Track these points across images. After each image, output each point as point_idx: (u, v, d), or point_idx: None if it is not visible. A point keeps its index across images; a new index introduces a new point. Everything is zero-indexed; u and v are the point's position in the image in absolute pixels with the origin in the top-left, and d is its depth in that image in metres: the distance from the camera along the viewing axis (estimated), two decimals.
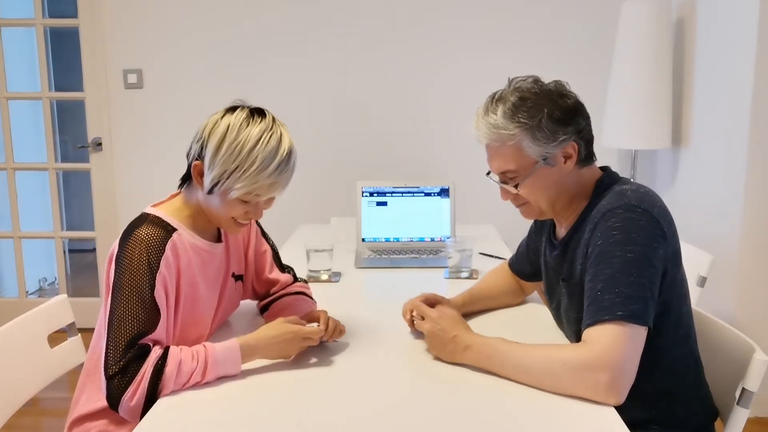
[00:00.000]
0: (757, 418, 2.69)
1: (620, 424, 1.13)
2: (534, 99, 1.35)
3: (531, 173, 1.38)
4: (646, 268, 1.25)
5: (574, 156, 1.38)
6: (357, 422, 1.15)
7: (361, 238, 2.39)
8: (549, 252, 1.54)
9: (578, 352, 1.22)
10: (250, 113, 1.35)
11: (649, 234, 1.27)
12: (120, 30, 3.57)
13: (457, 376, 1.32)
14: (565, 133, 1.35)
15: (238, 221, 1.40)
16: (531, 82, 1.39)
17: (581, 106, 1.40)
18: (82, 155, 3.78)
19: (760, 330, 2.64)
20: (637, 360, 1.22)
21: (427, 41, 3.53)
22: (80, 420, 1.41)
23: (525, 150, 1.36)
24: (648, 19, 3.01)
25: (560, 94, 1.38)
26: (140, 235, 1.30)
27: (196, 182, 1.38)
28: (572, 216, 1.44)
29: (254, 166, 1.30)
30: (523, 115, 1.34)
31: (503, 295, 1.77)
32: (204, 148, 1.34)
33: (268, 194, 1.35)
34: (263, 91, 3.56)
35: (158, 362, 1.23)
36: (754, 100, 2.56)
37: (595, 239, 1.30)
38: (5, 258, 4.17)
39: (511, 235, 3.12)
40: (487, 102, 1.41)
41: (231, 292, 1.56)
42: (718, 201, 2.81)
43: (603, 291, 1.24)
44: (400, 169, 3.60)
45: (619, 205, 1.30)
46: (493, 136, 1.38)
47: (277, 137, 1.33)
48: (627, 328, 1.20)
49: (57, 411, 2.88)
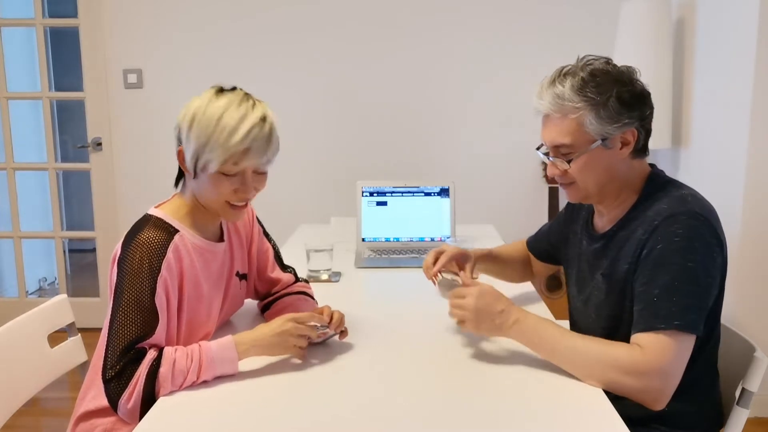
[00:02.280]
0: (757, 418, 2.69)
1: (620, 423, 1.13)
2: (604, 77, 1.33)
3: (586, 151, 1.36)
4: (704, 278, 1.26)
5: (632, 143, 1.36)
6: (357, 422, 1.15)
7: (361, 238, 2.39)
8: (587, 243, 1.51)
9: (633, 355, 1.23)
10: (219, 90, 1.37)
11: (710, 243, 1.27)
12: (120, 30, 3.57)
13: (458, 375, 1.32)
14: (630, 117, 1.34)
15: (232, 203, 1.40)
16: (603, 62, 1.37)
17: (648, 95, 1.38)
18: (82, 155, 3.78)
19: (760, 330, 2.65)
20: (683, 368, 1.24)
21: (427, 41, 3.53)
22: (88, 415, 1.41)
23: (586, 126, 1.34)
24: (648, 19, 3.01)
25: (630, 79, 1.36)
26: (142, 238, 1.31)
27: (184, 171, 1.40)
28: (619, 209, 1.42)
29: (225, 132, 1.31)
30: (592, 90, 1.32)
31: (515, 265, 1.84)
32: (180, 131, 1.36)
33: (245, 161, 1.34)
34: (263, 91, 3.53)
35: (152, 364, 1.24)
36: (754, 100, 2.56)
37: (654, 242, 1.29)
38: (5, 258, 4.17)
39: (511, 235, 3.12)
40: (554, 74, 1.37)
41: (236, 290, 1.57)
42: (718, 201, 2.79)
43: (660, 298, 1.25)
44: (400, 169, 3.60)
45: (683, 210, 1.29)
46: (556, 107, 1.35)
47: (248, 105, 1.35)
48: (681, 337, 1.22)
49: (57, 411, 2.87)
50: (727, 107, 2.76)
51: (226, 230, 1.53)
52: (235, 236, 1.56)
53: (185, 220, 1.41)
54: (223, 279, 1.51)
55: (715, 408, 1.43)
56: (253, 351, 1.34)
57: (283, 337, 1.34)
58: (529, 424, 1.13)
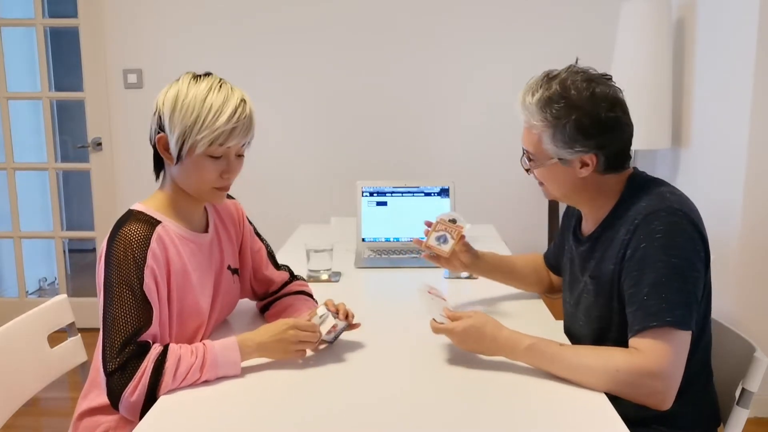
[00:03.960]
0: (757, 418, 2.69)
1: (621, 425, 1.13)
2: (570, 100, 1.31)
3: (545, 165, 1.39)
4: (690, 272, 1.26)
5: (591, 166, 1.36)
6: (357, 421, 1.15)
7: (361, 238, 2.39)
8: (575, 247, 1.53)
9: (632, 361, 1.23)
10: (195, 76, 1.39)
11: (692, 237, 1.28)
12: (120, 30, 3.57)
13: (458, 376, 1.32)
14: (584, 145, 1.33)
15: (217, 186, 1.41)
16: (584, 80, 1.33)
17: (616, 123, 1.34)
18: (82, 155, 3.78)
19: (760, 330, 2.64)
20: (683, 365, 1.24)
21: (427, 41, 3.53)
22: (91, 412, 1.41)
23: (543, 143, 1.36)
24: (648, 19, 3.01)
25: (603, 105, 1.31)
26: (124, 232, 1.32)
27: (164, 158, 1.40)
28: (601, 212, 1.43)
29: (212, 112, 1.33)
30: (552, 112, 1.32)
31: (527, 274, 1.78)
32: (161, 118, 1.37)
33: (231, 141, 1.35)
34: (263, 91, 3.56)
35: (158, 358, 1.25)
36: (754, 100, 2.56)
37: (637, 241, 1.29)
38: (5, 258, 4.17)
39: (511, 235, 3.12)
40: (538, 78, 1.37)
41: (228, 285, 1.57)
42: (717, 201, 2.81)
43: (649, 296, 1.25)
44: (400, 169, 3.60)
45: (662, 207, 1.29)
46: (523, 115, 1.39)
47: (227, 88, 1.37)
48: (675, 334, 1.23)
49: (57, 411, 2.87)
50: (727, 107, 2.76)
51: (212, 221, 1.53)
52: (222, 230, 1.57)
53: (167, 211, 1.42)
54: (213, 270, 1.50)
55: (712, 407, 1.44)
56: (256, 354, 1.35)
57: (283, 344, 1.35)
58: (530, 425, 1.13)
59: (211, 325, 1.53)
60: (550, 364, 1.30)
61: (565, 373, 1.28)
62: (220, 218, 1.58)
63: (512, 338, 1.34)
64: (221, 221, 1.58)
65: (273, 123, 3.59)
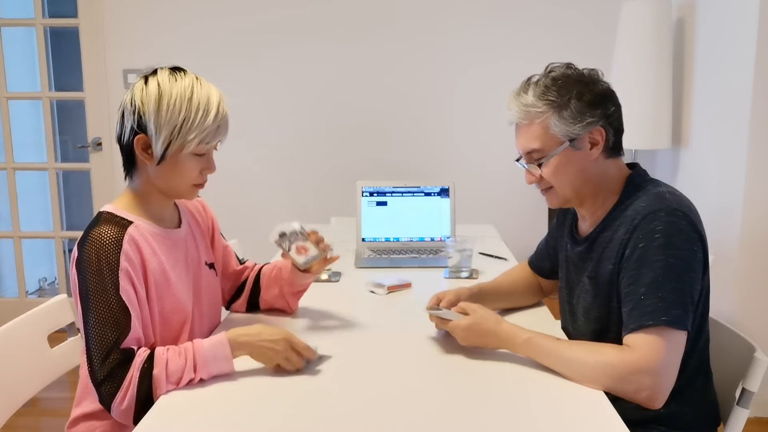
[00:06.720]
0: (757, 418, 2.69)
1: (621, 425, 1.13)
2: (565, 80, 1.38)
3: (555, 153, 1.39)
4: (688, 272, 1.27)
5: (601, 143, 1.39)
6: (357, 421, 1.15)
7: (361, 238, 2.39)
8: (571, 247, 1.53)
9: (623, 357, 1.24)
10: (170, 71, 1.37)
11: (690, 238, 1.28)
12: (120, 30, 3.57)
13: (457, 376, 1.33)
14: (593, 116, 1.37)
15: (196, 183, 1.41)
16: (564, 67, 1.42)
17: (612, 93, 1.42)
18: (82, 155, 3.78)
19: (760, 330, 2.65)
20: (677, 365, 1.24)
21: (427, 42, 3.53)
22: (85, 417, 1.41)
23: (552, 129, 1.37)
24: (648, 19, 3.01)
25: (592, 80, 1.40)
26: (95, 235, 1.29)
27: (142, 159, 1.37)
28: (600, 211, 1.44)
29: (200, 113, 1.32)
30: (553, 94, 1.37)
31: (518, 292, 1.75)
32: (142, 118, 1.34)
33: (216, 139, 1.37)
34: (263, 91, 3.56)
35: (144, 365, 1.24)
36: (754, 100, 2.56)
37: (636, 241, 1.30)
38: (5, 258, 4.17)
39: (511, 235, 3.12)
40: (522, 84, 1.43)
41: (209, 279, 1.57)
42: (718, 201, 2.81)
43: (646, 296, 1.26)
44: (400, 169, 3.60)
45: (661, 207, 1.30)
46: (522, 114, 1.40)
47: (206, 84, 1.37)
48: (670, 333, 1.23)
49: (57, 411, 2.87)
50: (727, 107, 2.76)
51: (184, 217, 1.53)
52: (194, 225, 1.56)
53: (138, 210, 1.40)
54: (191, 267, 1.50)
55: (712, 407, 1.44)
56: (245, 351, 1.33)
57: (271, 354, 1.32)
58: (530, 426, 1.13)
59: (198, 323, 1.51)
60: (546, 357, 1.32)
61: (560, 367, 1.30)
62: (191, 213, 1.58)
63: (511, 332, 1.37)
64: (192, 216, 1.58)
65: (273, 123, 3.59)
